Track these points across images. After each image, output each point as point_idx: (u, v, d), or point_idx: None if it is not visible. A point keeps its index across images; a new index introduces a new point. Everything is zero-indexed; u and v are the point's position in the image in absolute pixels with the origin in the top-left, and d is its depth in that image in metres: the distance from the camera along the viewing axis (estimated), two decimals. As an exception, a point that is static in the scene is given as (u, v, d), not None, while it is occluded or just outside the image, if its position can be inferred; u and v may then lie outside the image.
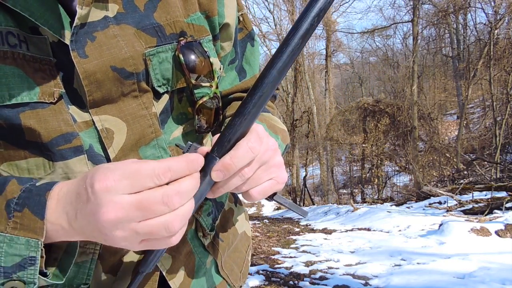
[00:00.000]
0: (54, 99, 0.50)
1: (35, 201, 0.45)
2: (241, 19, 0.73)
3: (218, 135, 0.49)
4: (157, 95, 0.58)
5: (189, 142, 0.51)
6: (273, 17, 18.13)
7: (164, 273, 0.62)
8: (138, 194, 0.41)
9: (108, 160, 0.55)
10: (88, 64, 0.51)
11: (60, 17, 0.49)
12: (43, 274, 0.46)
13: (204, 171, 0.47)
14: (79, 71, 0.50)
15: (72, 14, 0.50)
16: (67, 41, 0.49)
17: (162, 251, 0.51)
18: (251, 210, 15.47)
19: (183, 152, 0.50)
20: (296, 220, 9.51)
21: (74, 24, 0.49)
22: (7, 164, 0.51)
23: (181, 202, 0.42)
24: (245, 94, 0.75)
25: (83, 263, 0.56)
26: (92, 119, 0.53)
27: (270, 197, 0.57)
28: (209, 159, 0.47)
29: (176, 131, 0.62)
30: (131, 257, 0.60)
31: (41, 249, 0.44)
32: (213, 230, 0.69)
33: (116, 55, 0.53)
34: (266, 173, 0.53)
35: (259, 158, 0.50)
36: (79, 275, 0.56)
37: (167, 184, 0.43)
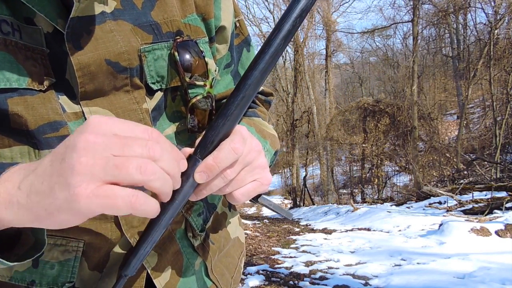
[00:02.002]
0: (44, 87, 0.50)
1: None
2: (237, 25, 0.74)
3: (201, 136, 0.48)
4: (151, 92, 0.59)
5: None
6: (273, 17, 18.14)
7: (149, 271, 0.61)
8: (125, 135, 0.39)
9: None
10: (82, 56, 0.51)
11: (56, 7, 0.50)
12: None
13: (187, 173, 0.46)
14: (73, 62, 0.50)
15: (69, 7, 0.51)
16: (63, 30, 0.50)
17: (146, 253, 0.50)
18: (251, 210, 15.46)
19: None
20: (296, 220, 9.51)
21: (70, 16, 0.49)
22: None
23: (161, 156, 0.39)
24: None
25: (67, 261, 0.55)
26: (82, 110, 0.53)
27: (255, 199, 0.56)
28: (192, 161, 0.47)
29: (169, 129, 0.62)
30: (116, 253, 0.59)
31: None
32: (203, 231, 0.69)
33: (112, 49, 0.53)
34: (250, 174, 0.52)
35: (242, 159, 0.50)
36: (62, 273, 0.55)
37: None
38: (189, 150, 0.48)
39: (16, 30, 0.49)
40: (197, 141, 0.49)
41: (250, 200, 0.56)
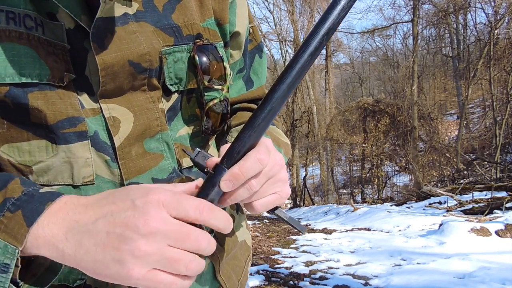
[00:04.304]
0: (64, 82, 0.51)
1: (32, 207, 0.43)
2: (251, 31, 0.75)
3: (228, 147, 0.50)
4: (167, 93, 0.60)
5: (197, 148, 0.52)
6: (273, 17, 18.13)
7: None
8: (180, 221, 0.43)
9: (113, 148, 0.55)
10: (107, 56, 0.52)
11: (80, 4, 0.51)
12: (15, 283, 0.44)
13: (213, 181, 0.48)
14: (97, 61, 0.51)
15: (91, 7, 0.52)
16: (86, 27, 0.51)
17: None
18: (251, 210, 15.44)
19: (191, 158, 0.51)
20: (296, 220, 9.49)
21: (96, 16, 0.50)
22: (8, 145, 0.51)
23: (206, 248, 0.44)
24: (251, 105, 0.77)
25: None
26: (100, 107, 0.54)
27: (272, 210, 0.58)
28: (218, 170, 0.48)
29: (182, 130, 0.63)
30: None
31: (17, 258, 0.42)
32: (212, 232, 0.69)
33: (135, 50, 0.54)
34: (271, 187, 0.54)
35: (267, 172, 0.51)
36: (74, 270, 0.56)
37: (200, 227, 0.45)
38: (216, 160, 0.50)
39: (39, 25, 0.50)
40: (222, 149, 0.51)
41: (267, 211, 0.58)
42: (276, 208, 0.58)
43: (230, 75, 0.64)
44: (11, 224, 0.42)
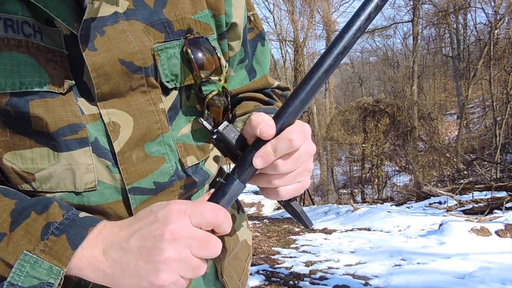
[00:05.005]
0: (64, 90, 0.51)
1: (76, 232, 0.47)
2: (252, 19, 0.74)
3: (240, 158, 0.53)
4: (166, 91, 0.59)
5: (225, 122, 0.55)
6: (273, 17, 18.14)
7: None
8: (201, 229, 0.47)
9: (113, 153, 0.55)
10: (96, 57, 0.51)
11: (73, 10, 0.50)
12: None
13: (223, 191, 0.51)
14: (87, 63, 0.51)
15: (84, 8, 0.51)
16: (78, 33, 0.50)
17: None
18: (251, 210, 15.45)
19: (218, 132, 0.55)
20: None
21: (84, 18, 0.49)
22: (11, 153, 0.51)
23: (218, 251, 0.48)
24: (255, 94, 0.76)
25: None
26: (100, 112, 0.54)
27: (288, 200, 0.59)
28: (230, 180, 0.51)
29: (184, 128, 0.62)
30: None
31: (61, 278, 0.45)
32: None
33: (125, 49, 0.53)
34: (299, 175, 0.55)
35: (298, 158, 0.52)
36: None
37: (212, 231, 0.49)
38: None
39: (38, 32, 0.49)
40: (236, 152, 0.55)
41: (281, 200, 0.58)
42: (291, 199, 0.59)
43: (225, 66, 0.64)
44: (56, 247, 0.46)
